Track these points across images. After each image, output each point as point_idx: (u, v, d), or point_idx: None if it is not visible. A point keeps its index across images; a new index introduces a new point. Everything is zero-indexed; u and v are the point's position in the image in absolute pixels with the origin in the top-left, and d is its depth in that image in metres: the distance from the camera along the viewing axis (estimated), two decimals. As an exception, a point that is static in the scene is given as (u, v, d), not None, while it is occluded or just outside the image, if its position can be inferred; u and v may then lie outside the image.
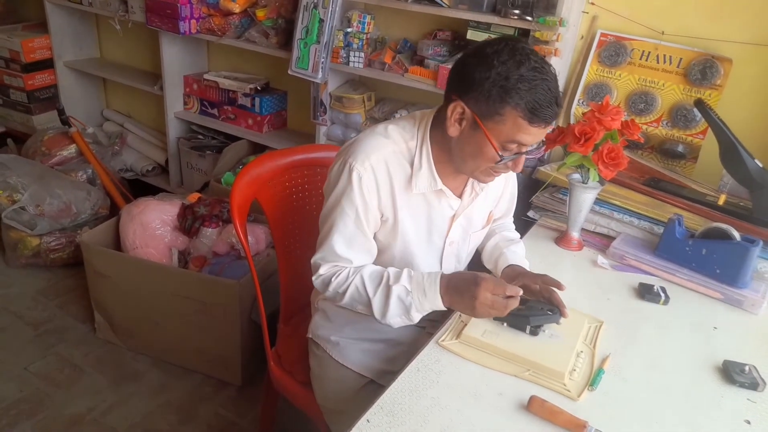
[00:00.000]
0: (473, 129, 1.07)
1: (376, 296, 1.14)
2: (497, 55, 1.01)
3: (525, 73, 1.00)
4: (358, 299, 1.16)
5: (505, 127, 1.04)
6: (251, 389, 2.02)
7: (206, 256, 2.13)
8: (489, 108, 1.03)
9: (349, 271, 1.17)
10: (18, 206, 2.41)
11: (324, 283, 1.19)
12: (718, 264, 1.38)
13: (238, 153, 2.67)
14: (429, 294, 1.11)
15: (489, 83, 1.01)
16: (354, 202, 1.14)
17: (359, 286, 1.15)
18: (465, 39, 2.01)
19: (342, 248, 1.17)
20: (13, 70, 3.08)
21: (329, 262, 1.18)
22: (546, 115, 1.02)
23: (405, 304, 1.12)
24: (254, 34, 2.37)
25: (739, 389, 1.08)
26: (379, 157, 1.13)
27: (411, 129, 1.17)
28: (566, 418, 0.95)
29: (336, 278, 1.17)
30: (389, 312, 1.13)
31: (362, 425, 0.92)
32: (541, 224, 1.66)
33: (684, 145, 1.84)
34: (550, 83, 1.02)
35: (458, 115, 1.08)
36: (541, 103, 1.00)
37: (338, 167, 1.16)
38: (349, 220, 1.15)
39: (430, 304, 1.12)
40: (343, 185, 1.14)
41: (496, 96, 1.01)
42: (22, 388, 1.95)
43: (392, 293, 1.12)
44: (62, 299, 2.39)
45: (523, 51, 1.01)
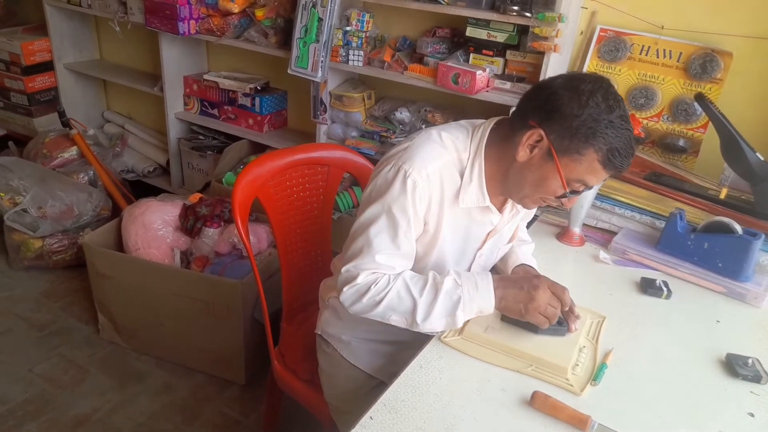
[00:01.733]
0: (545, 159, 1.04)
1: (423, 296, 1.07)
2: (592, 95, 0.99)
3: (615, 119, 0.99)
4: (397, 305, 1.08)
5: (580, 167, 1.03)
6: (255, 388, 2.03)
7: (208, 256, 2.13)
8: (571, 145, 1.01)
9: (389, 277, 1.10)
10: (20, 208, 2.41)
11: (359, 293, 1.10)
12: (720, 258, 1.38)
13: (238, 153, 2.68)
14: (481, 286, 1.07)
15: (578, 121, 0.99)
16: (407, 211, 1.08)
17: (401, 290, 1.08)
18: (464, 36, 2.01)
19: (385, 258, 1.10)
20: (13, 72, 3.08)
21: (368, 269, 1.10)
22: (621, 165, 1.02)
23: (452, 300, 1.07)
24: (253, 33, 2.37)
25: (743, 382, 1.08)
26: (435, 168, 1.09)
27: (464, 140, 1.14)
28: (569, 413, 0.95)
29: (375, 285, 1.09)
30: (435, 311, 1.07)
31: (365, 422, 0.92)
32: (542, 220, 1.66)
33: (685, 140, 1.84)
34: (632, 134, 1.02)
35: (534, 141, 1.04)
36: (621, 153, 1.00)
37: (390, 172, 1.10)
38: (400, 229, 1.09)
39: (481, 299, 1.07)
40: (396, 192, 1.08)
41: (582, 136, 0.99)
42: (27, 390, 1.96)
43: (441, 288, 1.07)
44: (65, 301, 2.40)
45: (615, 97, 1.01)
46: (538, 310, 1.06)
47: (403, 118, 2.19)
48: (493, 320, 1.15)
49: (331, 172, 1.62)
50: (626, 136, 1.00)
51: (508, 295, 1.08)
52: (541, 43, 1.82)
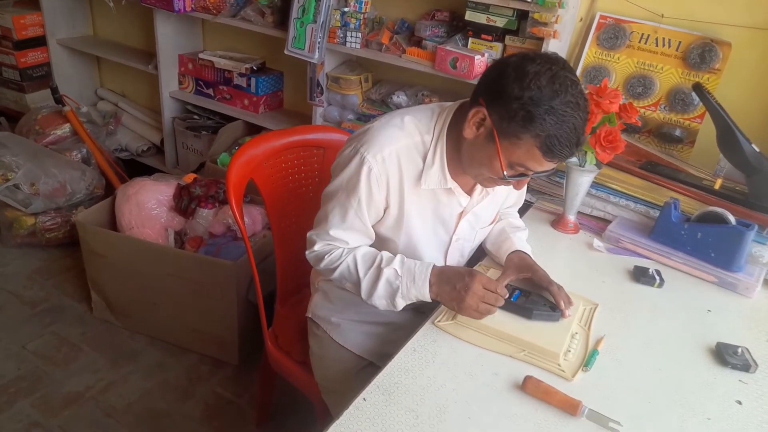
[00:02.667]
0: (488, 140, 1.04)
1: (366, 277, 1.15)
2: (536, 78, 0.96)
3: (557, 105, 0.95)
4: (348, 277, 1.18)
5: (519, 152, 1.01)
6: (248, 369, 2.04)
7: (203, 236, 2.13)
8: (509, 128, 1.00)
9: (343, 250, 1.18)
10: (11, 184, 2.39)
11: (317, 258, 1.21)
12: (713, 248, 1.39)
13: (233, 133, 2.66)
14: (418, 281, 1.12)
15: (518, 104, 0.97)
16: (358, 192, 1.13)
17: (351, 264, 1.16)
18: (463, 20, 1.99)
19: (338, 232, 1.18)
20: (5, 47, 3.03)
21: (323, 240, 1.20)
22: (561, 154, 1.00)
23: (392, 288, 1.14)
24: (250, 12, 2.34)
25: (732, 371, 1.10)
26: (392, 151, 1.12)
27: (428, 123, 1.15)
28: (560, 398, 0.96)
29: (329, 256, 1.19)
30: (376, 293, 1.15)
31: (359, 404, 0.93)
32: (537, 207, 1.67)
33: (681, 129, 1.84)
34: (578, 122, 0.97)
35: (478, 120, 1.05)
36: (561, 142, 0.97)
37: (349, 152, 1.14)
38: (350, 208, 1.15)
39: (417, 292, 1.13)
40: (350, 172, 1.13)
41: (520, 120, 0.97)
42: (20, 366, 1.96)
43: (382, 275, 1.14)
44: (58, 278, 2.39)
45: (563, 80, 0.96)
46: (470, 308, 1.08)
47: (401, 101, 2.17)
48: (486, 305, 1.15)
49: (326, 155, 1.61)
50: (569, 123, 0.96)
51: (442, 292, 1.12)
52: (540, 28, 1.81)
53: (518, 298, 1.16)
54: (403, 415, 0.92)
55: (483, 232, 1.33)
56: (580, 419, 0.94)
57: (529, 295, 1.17)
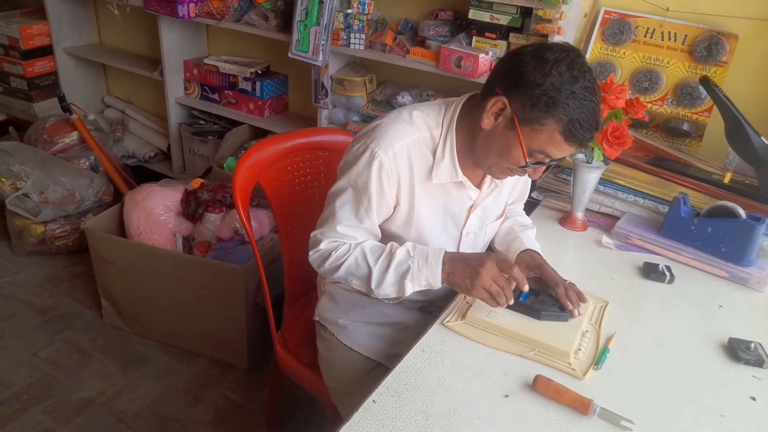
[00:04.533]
0: (507, 128, 1.04)
1: (377, 265, 1.13)
2: (556, 64, 0.98)
3: (578, 90, 0.98)
4: (355, 271, 1.15)
5: (541, 137, 1.02)
6: (258, 372, 2.04)
7: (210, 241, 2.14)
8: (532, 114, 1.00)
9: (350, 245, 1.17)
10: (21, 193, 2.41)
11: (322, 257, 1.18)
12: (723, 242, 1.38)
13: (239, 138, 2.66)
14: (431, 260, 1.10)
15: (540, 90, 0.98)
16: (369, 189, 1.12)
17: (359, 257, 1.14)
18: (467, 18, 1.98)
19: (346, 228, 1.16)
20: (12, 57, 3.06)
21: (330, 238, 1.17)
22: (583, 138, 1.01)
23: (402, 269, 1.11)
24: (253, 17, 2.35)
25: (745, 366, 1.09)
26: (402, 146, 1.11)
27: (436, 117, 1.15)
28: (572, 396, 0.95)
29: (335, 252, 1.16)
30: (386, 280, 1.12)
31: (369, 406, 0.93)
32: (545, 205, 1.66)
33: (689, 123, 1.83)
34: (596, 107, 1.00)
35: (497, 109, 1.05)
36: (582, 125, 0.99)
37: (358, 149, 1.13)
38: (360, 205, 1.14)
39: (429, 272, 1.10)
40: (360, 169, 1.12)
41: (543, 105, 0.99)
42: (32, 374, 1.97)
43: (394, 258, 1.12)
44: (68, 285, 2.41)
45: (581, 67, 0.99)
46: (482, 285, 1.06)
47: (405, 102, 2.17)
48: (495, 305, 1.15)
49: (332, 157, 1.61)
50: (589, 108, 0.99)
51: (455, 271, 1.09)
52: (544, 25, 1.80)
53: (527, 298, 1.15)
54: (413, 416, 0.92)
55: (492, 227, 1.32)
56: (591, 418, 0.93)
57: (538, 295, 1.16)
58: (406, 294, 1.13)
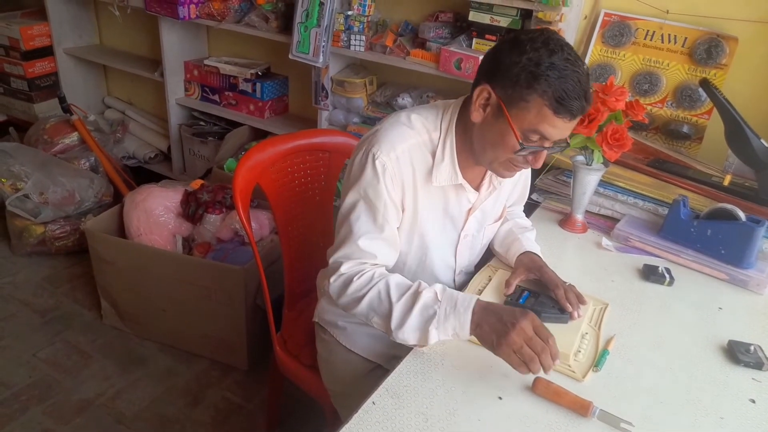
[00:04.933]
0: (496, 116, 1.04)
1: (400, 302, 1.03)
2: (531, 42, 0.98)
3: (557, 62, 0.96)
4: (377, 306, 1.05)
5: (530, 115, 1.00)
6: (257, 373, 2.04)
7: (210, 242, 2.14)
8: (515, 93, 0.99)
9: (374, 273, 1.08)
10: (21, 194, 2.41)
11: (344, 284, 1.09)
12: (723, 244, 1.38)
13: (239, 139, 2.67)
14: (460, 308, 0.99)
15: (518, 68, 0.98)
16: (380, 194, 1.09)
17: (382, 290, 1.05)
18: (467, 20, 1.98)
19: (366, 242, 1.09)
20: (13, 57, 3.07)
21: (353, 259, 1.10)
22: (573, 107, 0.98)
23: (428, 314, 1.00)
24: (254, 18, 2.35)
25: (744, 369, 1.09)
26: (404, 149, 1.10)
27: (434, 120, 1.14)
28: (571, 399, 0.95)
29: (359, 278, 1.07)
30: (409, 322, 1.01)
31: (368, 407, 0.93)
32: (544, 207, 1.66)
33: (689, 126, 1.83)
34: (581, 76, 0.98)
35: (483, 99, 1.04)
36: (569, 94, 0.97)
37: (361, 158, 1.11)
38: (377, 212, 1.10)
39: (456, 321, 0.99)
40: (368, 177, 1.09)
41: (524, 81, 0.98)
42: (32, 374, 1.97)
43: (419, 299, 1.01)
44: (68, 286, 2.41)
45: (558, 42, 0.99)
46: (511, 347, 0.94)
47: (406, 103, 2.17)
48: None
49: (332, 159, 1.61)
50: (572, 77, 0.97)
51: (484, 323, 0.98)
52: (542, 27, 1.80)
53: (527, 300, 1.15)
54: (412, 418, 0.92)
55: (490, 229, 1.32)
56: (591, 420, 0.93)
57: (538, 297, 1.16)
58: (430, 343, 1.01)
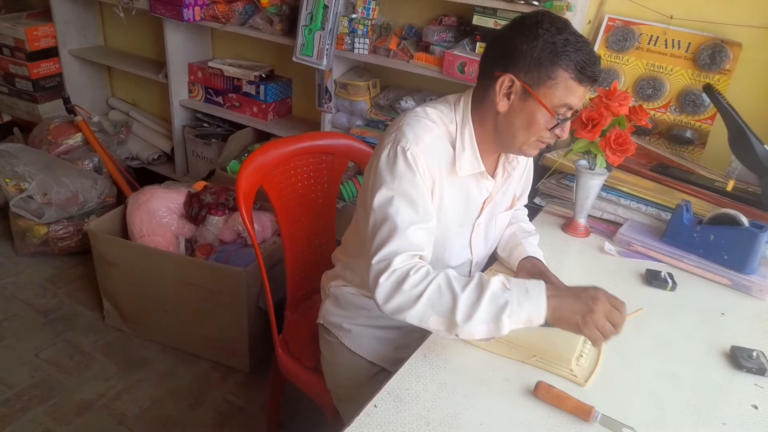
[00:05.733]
0: (523, 100, 1.07)
1: (465, 292, 0.98)
2: (539, 25, 1.03)
3: (568, 37, 1.03)
4: (438, 301, 0.98)
5: (558, 91, 1.05)
6: (259, 375, 2.04)
7: (213, 243, 2.14)
8: (540, 74, 1.04)
9: (428, 268, 1.02)
10: (25, 195, 2.42)
11: (398, 281, 1.00)
12: (726, 250, 1.38)
13: (243, 141, 2.67)
14: (532, 293, 0.97)
15: (538, 51, 1.03)
16: (417, 185, 1.06)
17: (443, 284, 0.99)
18: (471, 24, 1.99)
19: (415, 232, 1.04)
20: (18, 58, 3.08)
21: (403, 252, 1.03)
22: (594, 73, 1.05)
23: (499, 303, 0.96)
24: (258, 21, 2.36)
25: (747, 375, 1.08)
26: (430, 139, 1.10)
27: (449, 112, 1.16)
28: (573, 403, 0.95)
29: (415, 273, 1.00)
30: (478, 313, 0.96)
31: (370, 410, 0.93)
32: (547, 211, 1.66)
33: (692, 131, 1.83)
34: (589, 46, 1.05)
35: (506, 88, 1.07)
36: (588, 62, 1.03)
37: (389, 154, 1.08)
38: (416, 203, 1.06)
39: (531, 307, 0.96)
40: (401, 170, 1.06)
41: (547, 60, 1.03)
42: (34, 375, 1.98)
43: (487, 289, 0.97)
44: (71, 287, 2.41)
45: (560, 20, 1.05)
46: (596, 322, 0.95)
47: (409, 107, 2.18)
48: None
49: (335, 161, 1.62)
50: (585, 48, 1.03)
51: (563, 306, 0.97)
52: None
53: None
54: (414, 421, 0.92)
55: (501, 218, 1.32)
56: (593, 425, 0.93)
57: None
58: (503, 333, 0.98)
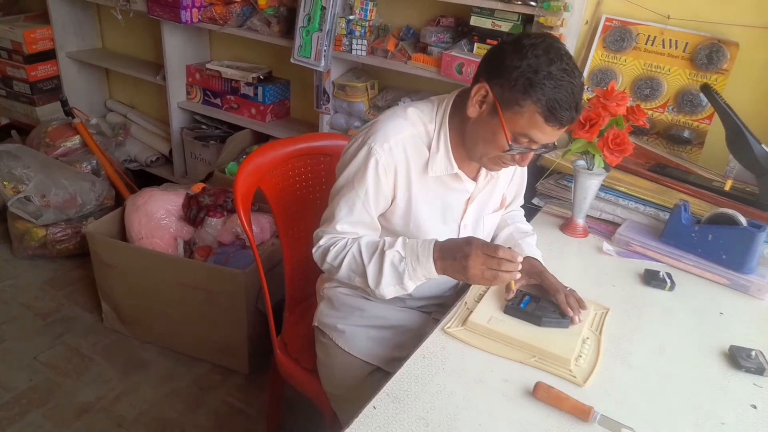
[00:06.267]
0: (491, 114, 1.08)
1: (371, 264, 1.13)
2: (532, 48, 1.01)
3: (554, 71, 1.00)
4: (355, 269, 1.15)
5: (522, 120, 1.04)
6: (258, 377, 2.04)
7: (211, 245, 2.14)
8: (511, 97, 1.03)
9: (347, 240, 1.18)
10: (22, 196, 2.41)
11: (323, 254, 1.19)
12: (724, 250, 1.38)
13: (241, 142, 2.67)
14: (422, 259, 1.10)
15: (517, 72, 1.01)
16: (365, 183, 1.14)
17: (356, 254, 1.15)
18: (468, 25, 1.99)
19: (345, 226, 1.18)
20: (15, 61, 3.08)
21: (330, 234, 1.19)
22: (563, 118, 1.02)
23: (398, 271, 1.11)
24: (256, 22, 2.36)
25: (746, 374, 1.09)
26: (398, 140, 1.14)
27: (430, 112, 1.18)
28: (572, 404, 0.95)
29: (334, 247, 1.17)
30: (383, 280, 1.12)
31: (369, 412, 0.93)
32: (545, 211, 1.66)
33: (690, 131, 1.83)
34: (575, 88, 1.02)
35: (481, 96, 1.08)
36: (561, 104, 1.01)
37: (356, 146, 1.16)
38: (358, 200, 1.16)
39: (423, 270, 1.10)
40: (358, 164, 1.15)
41: (521, 87, 1.02)
42: (32, 377, 1.97)
43: (386, 259, 1.11)
44: (69, 289, 2.41)
45: (558, 51, 1.02)
46: (476, 276, 1.06)
47: (407, 108, 2.18)
48: (496, 311, 1.15)
49: (333, 162, 1.60)
50: (567, 88, 1.01)
51: (446, 267, 1.09)
52: (545, 32, 1.80)
53: (528, 305, 1.15)
54: (413, 423, 0.91)
55: (490, 219, 1.33)
56: (592, 425, 0.93)
57: (539, 302, 1.16)
58: (409, 291, 1.13)
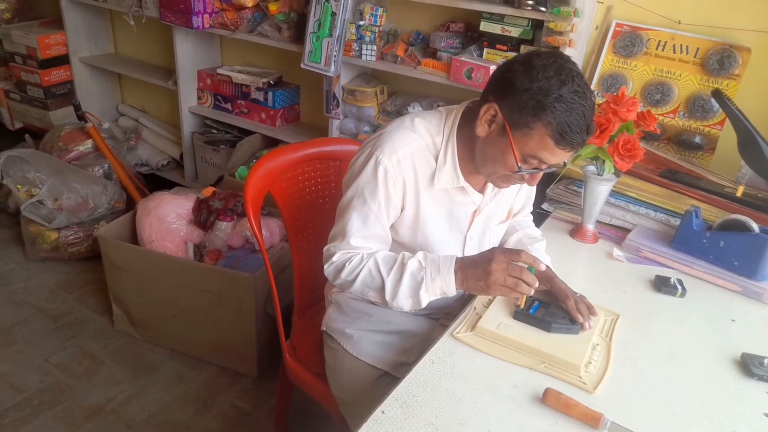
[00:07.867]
0: (500, 134, 1.07)
1: (390, 276, 1.12)
2: (543, 70, 1.00)
3: (565, 93, 0.99)
4: (370, 283, 1.15)
5: (531, 141, 1.04)
6: (267, 381, 2.04)
7: (221, 249, 2.15)
8: (521, 119, 1.03)
9: (362, 255, 1.17)
10: (36, 200, 2.44)
11: (336, 270, 1.18)
12: (736, 256, 1.37)
13: (251, 147, 2.69)
14: (443, 270, 1.10)
15: (528, 95, 1.01)
16: (377, 196, 1.14)
17: (372, 268, 1.14)
18: (478, 30, 1.99)
19: (359, 240, 1.17)
20: (30, 66, 3.12)
21: (343, 250, 1.18)
22: (574, 141, 1.02)
23: (416, 280, 1.11)
24: (267, 28, 2.38)
25: (758, 382, 1.07)
26: (406, 152, 1.14)
27: (438, 124, 1.18)
28: (582, 410, 0.94)
29: (349, 263, 1.16)
30: (401, 291, 1.11)
31: (377, 417, 0.93)
32: (555, 217, 1.65)
33: (701, 136, 1.82)
34: (587, 110, 1.01)
35: (490, 116, 1.08)
36: (572, 128, 1.00)
37: (364, 159, 1.16)
38: (370, 212, 1.15)
39: (442, 282, 1.10)
40: (367, 177, 1.14)
41: (531, 109, 1.01)
42: (43, 379, 1.99)
43: (406, 269, 1.11)
44: (80, 292, 2.43)
45: (569, 72, 1.01)
46: (497, 282, 1.06)
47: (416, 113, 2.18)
48: (505, 317, 1.15)
49: (342, 167, 1.62)
50: (578, 111, 0.99)
51: (467, 276, 1.09)
52: (555, 38, 1.81)
53: (537, 310, 1.15)
54: (421, 428, 0.91)
55: (497, 230, 1.33)
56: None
57: (548, 307, 1.16)
58: (422, 305, 1.13)
